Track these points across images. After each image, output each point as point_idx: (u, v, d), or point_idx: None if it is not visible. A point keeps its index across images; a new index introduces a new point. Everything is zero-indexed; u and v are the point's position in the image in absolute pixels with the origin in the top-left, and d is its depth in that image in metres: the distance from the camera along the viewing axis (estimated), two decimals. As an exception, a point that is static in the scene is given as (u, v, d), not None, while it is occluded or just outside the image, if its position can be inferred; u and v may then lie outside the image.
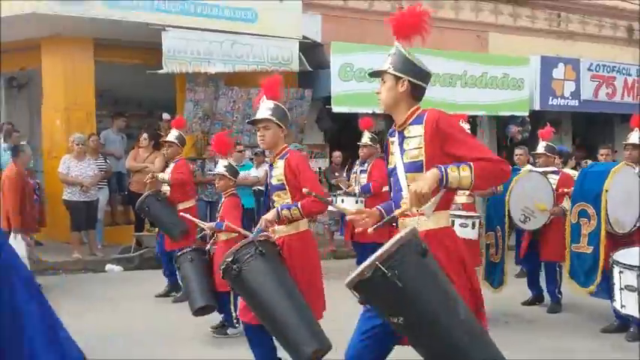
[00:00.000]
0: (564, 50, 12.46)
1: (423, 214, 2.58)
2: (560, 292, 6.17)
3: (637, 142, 5.44)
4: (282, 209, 3.59)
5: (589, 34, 13.41)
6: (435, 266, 2.41)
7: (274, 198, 3.70)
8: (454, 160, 2.55)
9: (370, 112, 10.09)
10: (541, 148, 6.31)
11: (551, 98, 11.44)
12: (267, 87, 3.73)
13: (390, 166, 2.84)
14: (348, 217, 2.93)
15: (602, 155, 6.38)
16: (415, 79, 2.74)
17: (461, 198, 5.75)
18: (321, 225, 9.61)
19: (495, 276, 5.99)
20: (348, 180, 7.83)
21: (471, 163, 2.49)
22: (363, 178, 7.26)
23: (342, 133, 10.37)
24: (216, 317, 5.29)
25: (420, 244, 2.34)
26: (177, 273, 5.73)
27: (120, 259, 8.27)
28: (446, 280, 2.43)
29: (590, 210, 5.14)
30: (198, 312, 5.05)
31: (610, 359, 4.73)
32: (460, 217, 5.38)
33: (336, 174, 9.28)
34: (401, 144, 2.76)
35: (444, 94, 10.09)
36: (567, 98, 11.60)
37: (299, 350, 3.16)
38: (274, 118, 3.62)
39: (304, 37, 9.72)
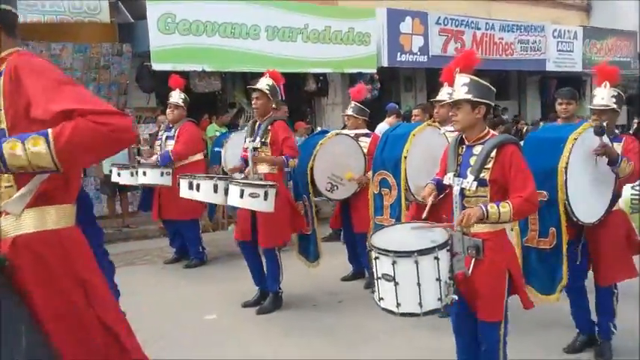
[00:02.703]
0: (412, 3, 12.02)
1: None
2: (376, 265, 5.69)
3: (445, 98, 4.92)
4: None
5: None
6: None
7: None
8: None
9: (199, 69, 9.13)
10: (349, 109, 5.66)
11: (399, 54, 10.99)
12: None
13: None
14: None
15: (415, 116, 5.81)
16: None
17: (263, 167, 4.98)
18: None
19: (309, 249, 5.41)
20: (152, 148, 6.86)
21: (49, 131, 1.66)
22: (170, 145, 6.33)
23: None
24: None
25: None
26: None
27: None
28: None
29: (391, 179, 4.57)
30: None
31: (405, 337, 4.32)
32: (250, 185, 4.57)
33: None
34: None
35: (282, 50, 9.31)
36: (416, 54, 11.22)
37: None
38: None
39: (117, -17, 8.46)
